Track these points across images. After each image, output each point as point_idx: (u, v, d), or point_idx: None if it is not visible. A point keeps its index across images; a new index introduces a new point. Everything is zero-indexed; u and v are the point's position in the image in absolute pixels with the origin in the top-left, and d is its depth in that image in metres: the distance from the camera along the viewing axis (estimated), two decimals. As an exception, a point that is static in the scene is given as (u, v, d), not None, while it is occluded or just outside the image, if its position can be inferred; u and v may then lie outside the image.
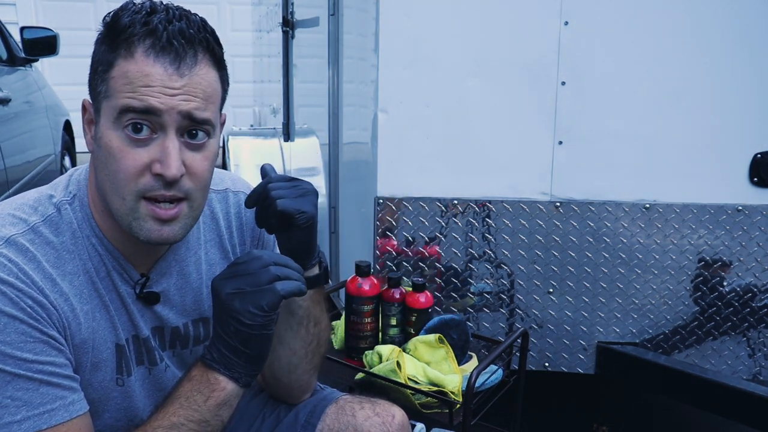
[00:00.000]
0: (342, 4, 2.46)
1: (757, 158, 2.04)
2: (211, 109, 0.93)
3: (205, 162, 0.95)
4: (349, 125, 2.49)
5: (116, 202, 0.92)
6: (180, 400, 0.95)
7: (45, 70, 5.82)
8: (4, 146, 3.37)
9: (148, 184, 0.91)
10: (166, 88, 0.88)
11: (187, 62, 0.90)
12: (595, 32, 1.99)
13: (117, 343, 1.01)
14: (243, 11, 6.81)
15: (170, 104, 0.89)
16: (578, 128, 2.04)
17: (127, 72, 0.88)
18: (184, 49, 0.89)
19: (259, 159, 4.04)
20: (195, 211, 0.97)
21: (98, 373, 0.99)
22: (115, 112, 0.89)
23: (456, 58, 2.01)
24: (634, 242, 2.09)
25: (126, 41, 0.89)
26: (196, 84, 0.91)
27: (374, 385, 1.65)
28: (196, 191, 0.95)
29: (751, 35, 1.99)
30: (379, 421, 1.17)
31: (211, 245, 1.12)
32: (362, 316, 1.77)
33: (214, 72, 0.94)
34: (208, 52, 0.93)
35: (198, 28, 0.92)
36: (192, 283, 1.10)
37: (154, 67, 0.88)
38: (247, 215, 1.17)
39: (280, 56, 3.74)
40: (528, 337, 1.86)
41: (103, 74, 0.91)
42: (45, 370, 0.89)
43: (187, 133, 0.92)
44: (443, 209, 2.08)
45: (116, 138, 0.90)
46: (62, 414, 0.90)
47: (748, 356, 2.16)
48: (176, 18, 0.91)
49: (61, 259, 0.94)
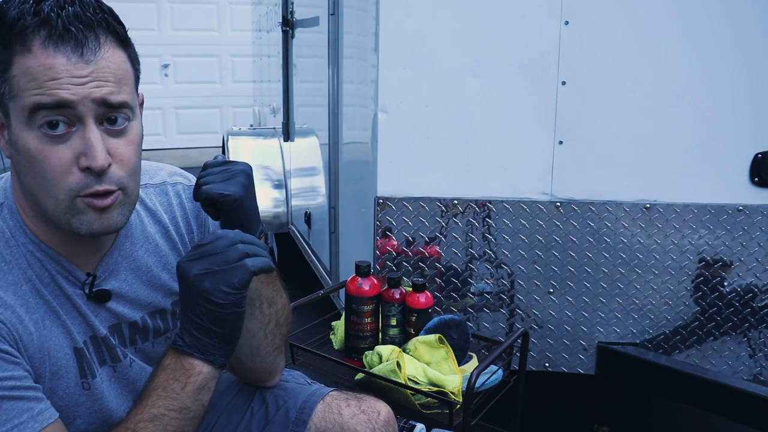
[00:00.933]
0: (342, 4, 2.46)
1: (758, 158, 2.04)
2: (125, 91, 0.89)
3: (131, 146, 0.91)
4: (349, 125, 2.49)
5: (50, 203, 0.89)
6: (157, 391, 0.93)
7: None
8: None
9: (81, 182, 0.87)
10: (74, 78, 0.84)
11: (90, 47, 0.85)
12: (596, 32, 1.99)
13: (74, 347, 0.98)
14: (243, 11, 6.81)
15: (82, 93, 0.84)
16: (578, 128, 2.03)
17: (29, 68, 0.83)
18: (84, 33, 0.84)
19: (259, 159, 4.04)
20: (130, 196, 0.94)
21: (60, 380, 0.97)
22: (26, 112, 0.85)
23: (456, 58, 2.00)
24: (635, 242, 2.09)
25: (19, 35, 0.83)
26: (105, 68, 0.86)
27: (374, 385, 1.65)
28: (128, 178, 0.92)
29: (751, 35, 1.98)
30: (365, 418, 1.17)
31: (158, 237, 1.10)
32: (362, 316, 1.76)
33: (120, 52, 0.90)
34: (110, 32, 0.88)
35: (94, 9, 0.87)
36: (142, 276, 1.07)
37: (56, 58, 0.83)
38: (189, 204, 1.14)
39: (280, 56, 3.74)
40: (528, 337, 1.86)
41: (3, 74, 0.86)
42: (5, 386, 0.87)
43: (106, 120, 0.88)
44: (443, 209, 2.07)
45: (33, 138, 0.86)
46: (32, 425, 0.88)
47: (749, 356, 2.15)
48: (68, 2, 0.85)
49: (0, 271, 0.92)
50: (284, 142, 3.85)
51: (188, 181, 1.17)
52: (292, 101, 3.66)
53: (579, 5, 1.97)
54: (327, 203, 2.86)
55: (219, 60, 7.71)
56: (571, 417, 2.53)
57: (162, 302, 1.10)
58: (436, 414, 1.60)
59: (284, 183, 3.92)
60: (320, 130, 2.95)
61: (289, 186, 3.86)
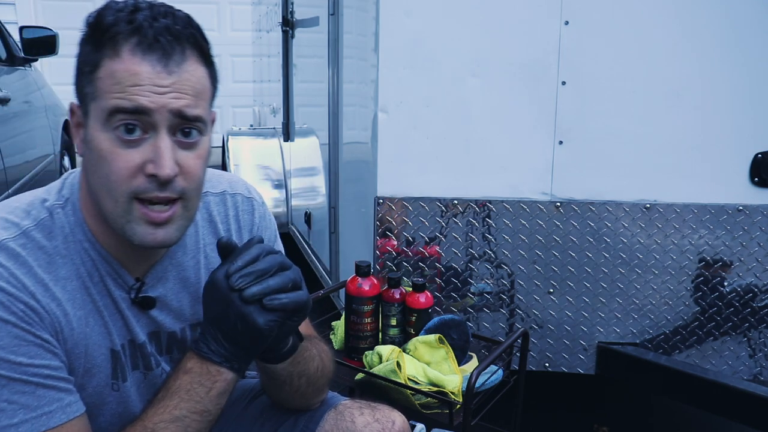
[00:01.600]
0: (342, 4, 2.46)
1: (758, 158, 2.04)
2: (201, 106, 0.92)
3: (198, 160, 0.93)
4: (349, 125, 2.49)
5: (109, 204, 0.91)
6: (180, 393, 0.94)
7: (44, 70, 5.81)
8: (3, 146, 3.36)
9: (142, 185, 0.89)
10: (155, 86, 0.87)
11: (175, 59, 0.88)
12: (595, 32, 1.99)
13: (112, 349, 1.00)
14: (243, 11, 6.80)
15: (160, 102, 0.87)
16: (578, 128, 2.03)
17: (115, 72, 0.86)
18: (172, 45, 0.87)
19: (259, 159, 4.04)
20: (189, 211, 0.95)
21: (92, 378, 0.98)
22: (105, 114, 0.87)
23: (456, 58, 2.00)
24: (635, 242, 2.08)
25: (111, 40, 0.87)
26: (185, 81, 0.89)
27: (374, 385, 1.65)
28: (191, 191, 0.93)
29: (751, 35, 1.98)
30: (379, 427, 1.15)
31: (210, 249, 1.10)
32: (362, 316, 1.76)
33: (202, 68, 0.92)
34: (195, 48, 0.91)
35: (184, 24, 0.90)
36: (189, 288, 1.08)
37: (142, 65, 0.86)
38: (245, 216, 1.15)
39: (280, 56, 3.73)
40: (528, 337, 1.86)
41: (90, 75, 0.89)
42: (41, 373, 0.89)
43: (180, 131, 0.90)
44: (443, 209, 2.07)
45: (107, 140, 0.88)
46: (60, 416, 0.90)
47: (749, 356, 2.15)
48: (161, 15, 0.88)
49: (53, 263, 0.93)
50: (284, 142, 3.84)
51: (248, 192, 1.17)
52: (292, 101, 3.66)
53: (579, 5, 1.97)
54: (327, 203, 2.86)
55: (219, 60, 7.45)
56: (571, 417, 2.53)
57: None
58: (436, 414, 1.60)
59: (284, 183, 3.92)
60: (320, 130, 2.95)
61: (289, 186, 3.86)
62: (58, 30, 4.26)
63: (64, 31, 4.71)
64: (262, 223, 1.18)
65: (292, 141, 3.69)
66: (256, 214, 1.17)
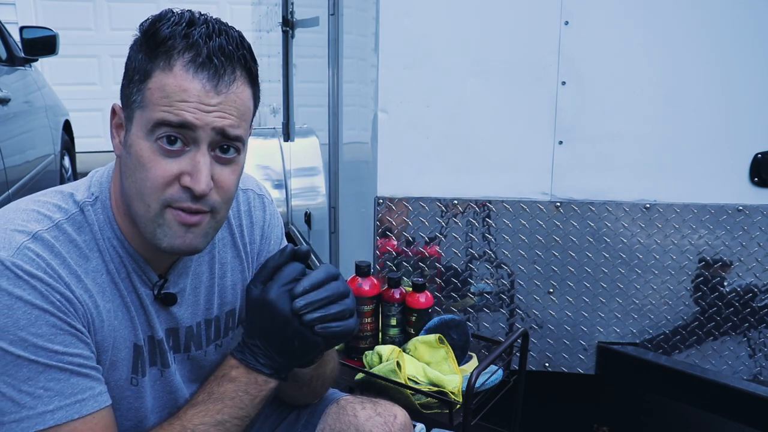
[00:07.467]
0: (342, 4, 2.46)
1: (758, 158, 2.04)
2: (243, 126, 0.94)
3: (233, 176, 0.96)
4: (349, 125, 2.49)
5: (141, 208, 0.93)
6: (224, 400, 1.00)
7: (45, 70, 5.82)
8: (3, 146, 3.36)
9: (176, 194, 0.91)
10: (203, 104, 0.89)
11: (225, 80, 0.90)
12: (595, 32, 1.99)
13: (135, 343, 1.02)
14: (243, 11, 6.79)
15: (205, 120, 0.89)
16: (578, 128, 2.03)
17: (165, 85, 0.89)
18: (224, 66, 0.90)
19: (259, 159, 4.04)
20: (218, 223, 0.98)
21: (115, 371, 1.00)
22: (150, 124, 0.90)
23: (456, 58, 2.00)
24: (635, 242, 2.09)
25: (165, 53, 0.89)
26: (232, 102, 0.91)
27: (374, 385, 1.65)
28: (221, 204, 0.96)
29: (751, 35, 1.99)
30: (381, 421, 1.17)
31: (223, 244, 1.13)
32: (362, 316, 1.76)
33: (248, 90, 0.95)
34: (245, 69, 0.93)
35: (236, 45, 0.92)
36: (204, 283, 1.10)
37: (193, 82, 0.88)
38: (256, 212, 1.18)
39: (280, 56, 3.74)
40: (528, 337, 1.86)
41: (139, 84, 0.91)
42: (75, 362, 0.91)
43: (219, 148, 0.93)
44: (443, 209, 2.07)
45: (148, 148, 0.90)
46: (92, 404, 0.92)
47: (749, 356, 2.16)
48: (216, 33, 0.90)
49: (83, 257, 0.95)
50: (284, 142, 3.84)
51: (259, 189, 1.22)
52: (292, 101, 3.66)
53: (579, 5, 1.97)
54: (327, 203, 2.86)
55: (219, 60, 7.68)
56: (571, 417, 2.53)
57: (216, 311, 1.13)
58: (436, 414, 1.60)
59: (284, 183, 3.91)
60: (320, 130, 2.95)
61: (289, 186, 3.86)
62: (58, 30, 4.26)
63: (64, 31, 4.72)
64: (273, 221, 1.21)
65: (292, 141, 3.70)
66: (267, 211, 1.21)
